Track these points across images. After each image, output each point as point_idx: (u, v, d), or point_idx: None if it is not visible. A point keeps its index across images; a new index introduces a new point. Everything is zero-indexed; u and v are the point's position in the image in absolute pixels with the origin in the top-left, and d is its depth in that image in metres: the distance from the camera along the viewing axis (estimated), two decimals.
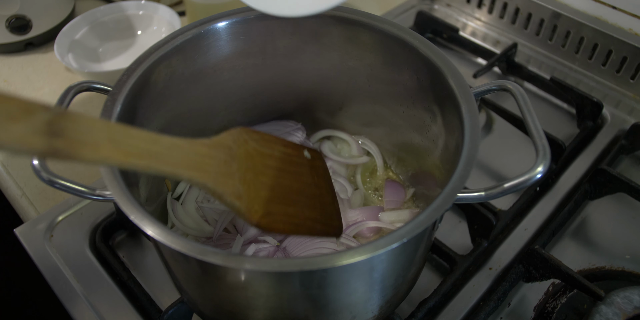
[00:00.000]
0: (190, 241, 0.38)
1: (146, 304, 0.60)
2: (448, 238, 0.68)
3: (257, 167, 0.48)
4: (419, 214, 0.40)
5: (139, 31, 0.98)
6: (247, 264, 0.37)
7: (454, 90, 0.49)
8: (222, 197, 0.42)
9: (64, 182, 0.44)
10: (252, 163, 0.47)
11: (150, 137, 0.36)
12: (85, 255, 0.65)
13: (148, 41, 0.96)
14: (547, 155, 0.43)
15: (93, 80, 0.52)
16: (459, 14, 1.05)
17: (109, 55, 0.94)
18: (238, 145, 0.47)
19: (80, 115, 0.31)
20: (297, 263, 0.37)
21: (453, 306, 0.61)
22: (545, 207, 0.71)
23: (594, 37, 0.88)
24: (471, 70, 0.91)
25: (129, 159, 0.33)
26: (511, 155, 0.80)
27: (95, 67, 0.91)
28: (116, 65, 0.92)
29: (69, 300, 0.61)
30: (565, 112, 0.87)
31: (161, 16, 0.96)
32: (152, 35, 0.97)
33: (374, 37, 0.57)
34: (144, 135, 0.35)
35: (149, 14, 0.97)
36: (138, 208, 0.40)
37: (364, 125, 0.70)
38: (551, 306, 0.61)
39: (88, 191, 0.45)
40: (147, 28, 0.98)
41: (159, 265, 0.66)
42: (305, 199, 0.53)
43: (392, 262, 0.45)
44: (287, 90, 0.67)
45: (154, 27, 0.97)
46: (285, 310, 0.46)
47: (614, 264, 0.66)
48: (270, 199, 0.47)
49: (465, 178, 0.42)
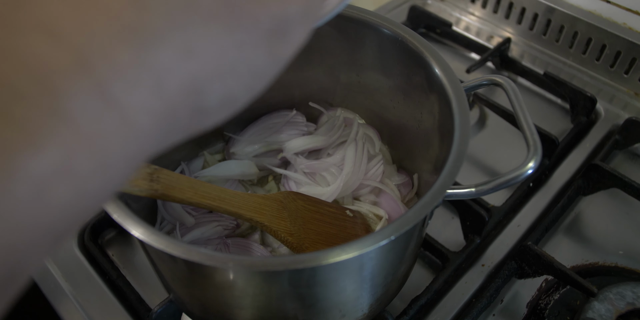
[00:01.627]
0: (175, 240, 0.37)
1: (135, 303, 0.59)
2: (440, 234, 0.67)
3: (305, 218, 0.55)
4: (407, 211, 0.40)
5: None
6: (232, 263, 0.36)
7: (445, 86, 0.48)
8: (277, 233, 0.50)
9: None
10: (301, 214, 0.55)
11: (219, 188, 0.48)
12: (74, 254, 0.65)
13: None
14: (538, 150, 0.43)
15: None
16: (452, 8, 1.04)
17: None
18: (288, 201, 0.55)
19: (170, 171, 0.44)
20: (284, 262, 0.37)
21: (445, 303, 0.61)
22: (538, 203, 0.71)
23: (587, 31, 0.87)
24: (464, 65, 0.90)
25: (205, 200, 0.46)
26: (504, 151, 0.79)
27: None
28: None
29: (57, 299, 0.60)
30: (559, 107, 0.87)
31: None
32: None
33: (364, 32, 0.56)
34: (214, 187, 0.48)
35: None
36: (121, 206, 0.39)
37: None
38: (544, 302, 0.61)
39: None
40: None
41: (148, 264, 0.65)
42: None
43: (381, 259, 0.44)
44: (277, 86, 0.65)
45: None
46: (274, 309, 0.45)
47: (607, 260, 0.66)
48: (317, 241, 0.54)
49: (455, 174, 0.41)
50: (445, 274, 0.62)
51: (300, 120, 0.68)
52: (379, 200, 0.62)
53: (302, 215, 0.55)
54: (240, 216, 0.49)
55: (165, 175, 0.44)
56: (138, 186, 0.41)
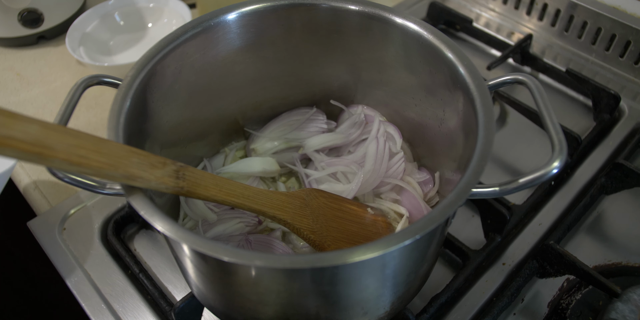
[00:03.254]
0: (201, 237, 0.38)
1: (157, 298, 0.60)
2: (461, 233, 0.67)
3: (327, 216, 0.55)
4: (432, 210, 0.40)
5: (150, 24, 0.98)
6: (257, 261, 0.37)
7: (468, 84, 0.48)
8: (300, 231, 0.51)
9: (74, 177, 0.44)
10: (323, 212, 0.55)
11: (243, 185, 0.48)
12: (98, 248, 0.66)
13: (159, 34, 0.96)
14: (563, 150, 0.42)
15: (103, 74, 0.51)
16: (472, 4, 1.03)
17: (120, 48, 0.94)
18: (310, 198, 0.55)
19: (196, 169, 0.45)
20: (308, 260, 0.37)
21: (465, 302, 0.61)
22: (560, 201, 0.70)
23: (611, 27, 0.86)
24: (485, 62, 0.89)
25: (229, 198, 0.46)
26: (525, 149, 0.78)
27: (107, 60, 0.91)
28: (127, 58, 0.92)
29: (81, 292, 0.61)
30: (582, 105, 0.86)
31: (172, 8, 0.96)
32: (163, 28, 0.97)
33: (386, 30, 0.56)
34: (238, 184, 0.48)
35: (159, 7, 0.97)
36: (147, 203, 0.40)
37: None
38: (565, 302, 0.61)
39: (98, 186, 0.45)
40: (157, 21, 0.97)
41: (171, 259, 0.66)
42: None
43: (405, 258, 0.44)
44: (298, 83, 0.66)
45: (164, 20, 0.97)
46: (296, 306, 0.45)
47: (631, 260, 0.65)
48: (339, 238, 0.54)
49: (479, 174, 0.41)
50: (466, 272, 0.62)
51: (320, 117, 0.68)
52: (400, 198, 0.61)
53: (324, 212, 0.55)
54: (263, 213, 0.49)
55: (191, 173, 0.44)
56: (165, 183, 0.41)
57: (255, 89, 0.65)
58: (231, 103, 0.64)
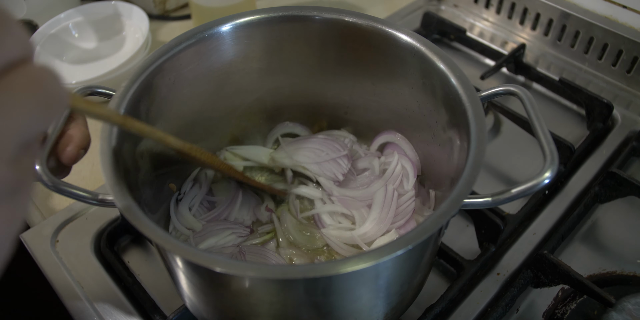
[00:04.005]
0: (194, 248, 0.38)
1: (150, 310, 0.59)
2: (455, 243, 0.67)
3: None
4: (424, 220, 0.40)
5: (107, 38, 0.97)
6: (250, 271, 0.37)
7: (460, 95, 0.48)
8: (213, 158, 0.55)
9: (66, 188, 0.44)
10: None
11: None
12: (91, 260, 0.65)
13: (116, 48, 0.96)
14: (555, 160, 0.42)
15: (97, 85, 0.52)
16: (466, 14, 1.04)
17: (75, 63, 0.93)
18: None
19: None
20: (301, 270, 0.37)
21: (460, 312, 0.60)
22: (554, 210, 0.70)
23: (603, 37, 0.87)
24: (479, 72, 0.90)
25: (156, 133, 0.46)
26: (519, 158, 0.79)
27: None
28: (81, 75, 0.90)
29: (74, 305, 0.61)
30: (575, 114, 0.86)
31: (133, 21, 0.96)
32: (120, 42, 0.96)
33: (379, 41, 0.56)
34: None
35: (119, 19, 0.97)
36: (140, 214, 0.40)
37: (369, 130, 0.69)
38: (560, 312, 0.60)
39: (90, 197, 0.45)
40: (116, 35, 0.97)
41: (164, 271, 0.65)
42: None
43: (397, 268, 0.44)
44: (291, 95, 0.67)
45: (123, 33, 0.97)
46: (289, 317, 0.45)
47: (625, 269, 0.65)
48: None
49: (472, 184, 0.41)
50: (460, 282, 0.61)
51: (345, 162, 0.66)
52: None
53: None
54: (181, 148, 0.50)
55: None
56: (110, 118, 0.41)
57: (249, 101, 0.65)
58: (224, 114, 0.65)
